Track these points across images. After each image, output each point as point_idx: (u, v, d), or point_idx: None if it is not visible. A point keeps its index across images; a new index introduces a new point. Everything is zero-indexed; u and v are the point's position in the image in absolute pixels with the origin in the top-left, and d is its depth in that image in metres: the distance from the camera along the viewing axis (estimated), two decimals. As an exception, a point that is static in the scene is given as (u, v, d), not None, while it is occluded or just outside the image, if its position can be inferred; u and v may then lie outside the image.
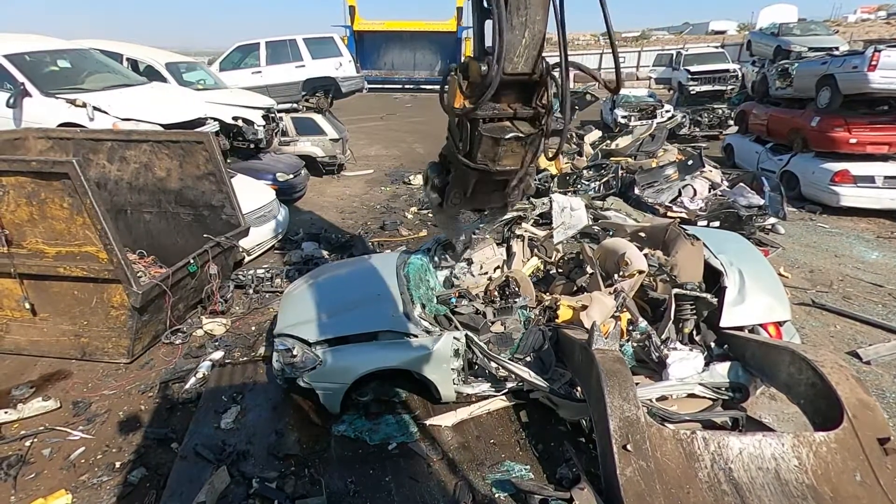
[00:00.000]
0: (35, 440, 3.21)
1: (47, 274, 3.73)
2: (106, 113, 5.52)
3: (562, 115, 2.30)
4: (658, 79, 19.30)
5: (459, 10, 24.95)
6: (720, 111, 12.48)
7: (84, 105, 5.41)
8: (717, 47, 20.18)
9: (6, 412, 3.40)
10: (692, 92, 13.28)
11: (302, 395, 3.47)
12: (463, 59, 2.27)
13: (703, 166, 6.64)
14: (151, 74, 7.67)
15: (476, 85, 2.11)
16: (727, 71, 13.57)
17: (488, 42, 2.07)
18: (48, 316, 3.92)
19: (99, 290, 3.76)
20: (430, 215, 7.72)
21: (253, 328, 4.51)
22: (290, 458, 3.05)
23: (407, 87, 28.04)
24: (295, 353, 3.34)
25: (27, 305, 3.84)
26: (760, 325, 3.55)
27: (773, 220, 6.13)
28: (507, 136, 2.19)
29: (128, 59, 8.02)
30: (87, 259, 3.63)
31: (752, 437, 2.56)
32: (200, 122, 6.26)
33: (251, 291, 5.10)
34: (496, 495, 2.79)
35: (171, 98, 6.54)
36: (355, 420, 3.34)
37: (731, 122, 11.82)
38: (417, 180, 9.57)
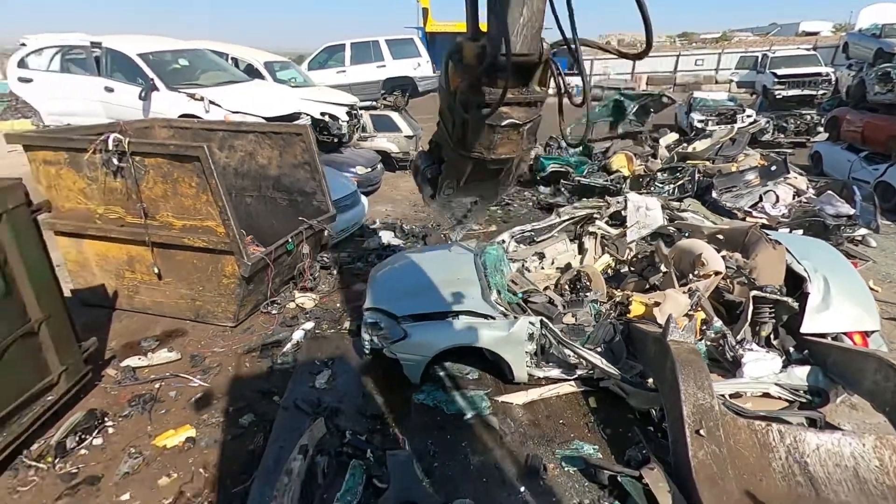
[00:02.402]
0: (162, 384, 3.75)
1: (174, 244, 4.29)
2: (219, 106, 6.20)
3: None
4: (740, 82, 18.37)
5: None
6: (809, 117, 11.77)
7: (202, 99, 6.11)
8: (808, 49, 18.90)
9: (139, 359, 3.99)
10: (778, 96, 12.62)
11: (385, 366, 3.78)
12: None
13: (788, 172, 6.40)
14: (251, 72, 8.43)
15: (470, 68, 1.95)
16: (819, 74, 12.78)
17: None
18: (171, 281, 4.51)
19: (214, 260, 4.29)
20: (499, 211, 7.94)
21: (338, 305, 4.92)
22: (376, 419, 3.38)
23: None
24: (382, 326, 3.68)
25: (155, 270, 4.44)
26: (845, 333, 3.47)
27: (863, 231, 5.81)
28: (504, 124, 2.02)
29: (231, 59, 8.85)
30: (207, 232, 4.15)
31: (831, 435, 2.58)
32: (296, 116, 6.85)
33: (335, 272, 5.54)
34: (566, 469, 2.97)
35: (271, 94, 7.19)
36: (433, 391, 3.63)
37: (821, 129, 11.13)
38: (486, 178, 9.78)
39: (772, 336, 3.67)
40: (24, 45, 7.70)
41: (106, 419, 3.35)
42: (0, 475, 2.90)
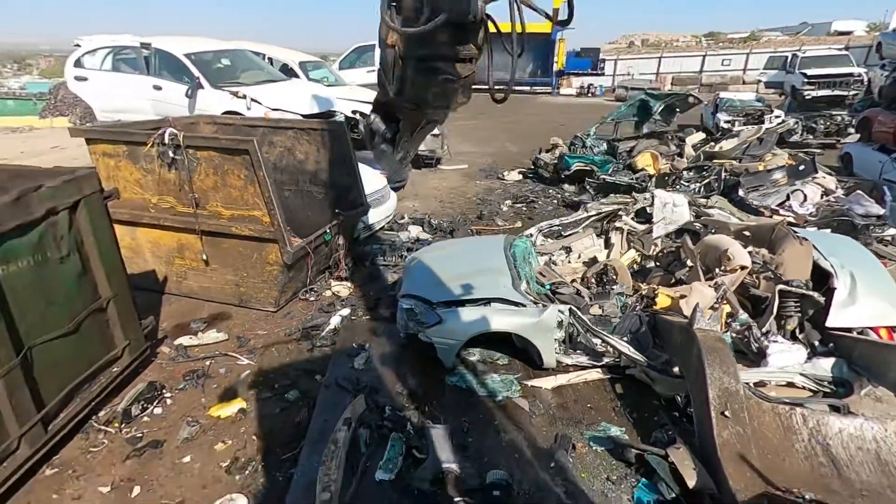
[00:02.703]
0: (212, 361, 4.02)
1: (221, 232, 4.56)
2: (260, 104, 6.50)
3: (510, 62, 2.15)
4: (768, 83, 18.12)
5: (556, 11, 25.00)
6: (839, 118, 11.61)
7: (244, 97, 6.42)
8: (839, 49, 18.53)
9: (190, 338, 4.27)
10: (807, 97, 12.48)
11: (419, 350, 3.97)
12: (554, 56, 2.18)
13: (816, 172, 6.40)
14: (286, 71, 8.75)
15: (409, 21, 2.00)
16: (850, 75, 12.58)
17: None
18: (217, 267, 4.78)
19: (259, 248, 4.54)
20: (524, 209, 8.09)
21: (371, 293, 5.15)
22: (412, 398, 3.58)
23: (496, 87, 28.46)
24: (417, 311, 3.88)
25: (203, 257, 4.72)
26: (871, 328, 3.54)
27: (893, 231, 5.80)
28: (439, 78, 2.14)
29: (268, 58, 9.20)
30: (253, 221, 4.41)
31: (854, 420, 2.68)
32: (331, 113, 7.12)
33: (367, 263, 5.77)
34: (594, 448, 3.12)
35: (308, 92, 7.48)
36: (466, 374, 3.81)
37: (852, 130, 10.99)
38: (511, 176, 9.96)
39: (797, 330, 3.76)
40: (78, 45, 8.17)
41: (164, 391, 3.63)
42: (73, 437, 3.19)
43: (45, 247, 2.89)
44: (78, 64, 7.96)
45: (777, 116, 11.55)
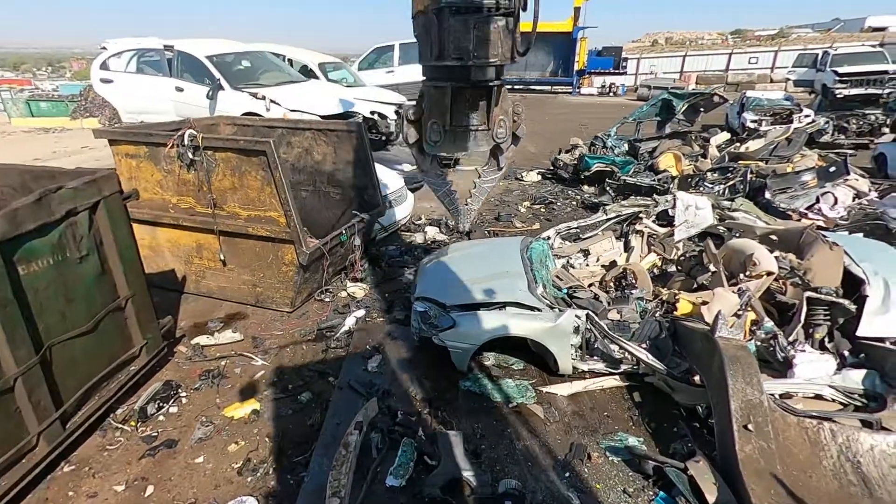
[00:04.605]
0: (228, 361, 4.05)
1: (239, 232, 4.59)
2: (279, 105, 6.55)
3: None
4: (798, 81, 17.59)
5: (577, 10, 24.73)
6: (873, 117, 11.17)
7: (263, 98, 6.48)
8: (874, 46, 17.87)
9: (207, 338, 4.31)
10: (839, 95, 12.04)
11: (433, 353, 3.94)
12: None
13: (848, 174, 6.15)
14: (306, 73, 8.82)
15: None
16: (885, 72, 12.10)
17: None
18: (234, 267, 4.83)
19: (275, 248, 4.57)
20: (543, 210, 7.98)
21: (387, 295, 5.13)
22: (425, 402, 3.54)
23: (516, 87, 28.31)
24: (431, 314, 3.84)
25: (221, 257, 4.77)
26: (906, 338, 3.38)
27: (931, 236, 5.54)
28: (477, 17, 2.09)
29: (288, 60, 9.29)
30: (270, 222, 4.43)
31: (887, 436, 2.55)
32: (350, 114, 7.15)
33: (384, 264, 5.76)
34: (610, 458, 3.04)
35: (326, 93, 7.53)
36: (480, 379, 3.76)
37: (887, 130, 10.56)
38: (529, 177, 9.85)
39: (826, 339, 3.60)
40: (104, 48, 8.38)
41: (180, 390, 3.67)
42: (91, 435, 3.24)
43: (64, 246, 2.94)
44: (104, 66, 8.17)
45: (807, 116, 11.16)
